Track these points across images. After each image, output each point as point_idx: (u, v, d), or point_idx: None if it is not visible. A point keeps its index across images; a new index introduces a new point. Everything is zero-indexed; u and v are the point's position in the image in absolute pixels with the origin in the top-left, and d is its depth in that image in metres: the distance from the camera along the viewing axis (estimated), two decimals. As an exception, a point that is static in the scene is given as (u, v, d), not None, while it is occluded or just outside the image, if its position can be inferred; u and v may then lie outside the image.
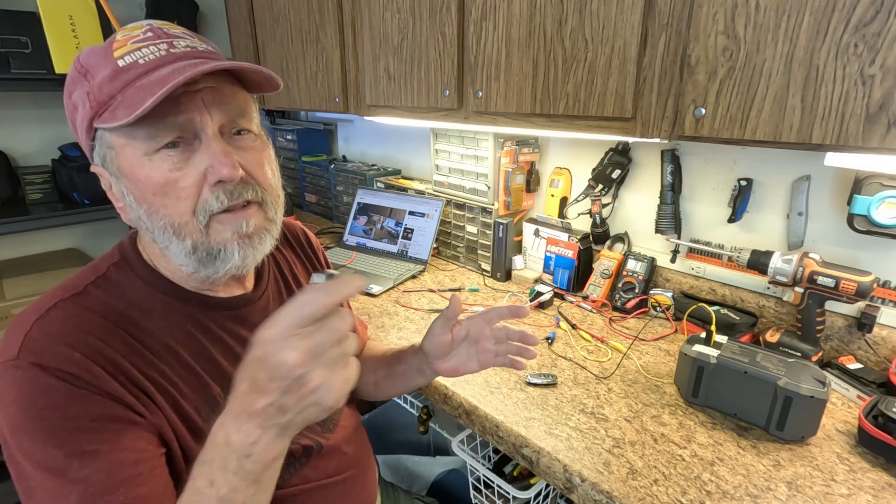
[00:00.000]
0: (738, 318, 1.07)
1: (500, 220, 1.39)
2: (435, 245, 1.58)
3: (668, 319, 1.18)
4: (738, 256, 1.05)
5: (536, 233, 1.42)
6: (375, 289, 1.35)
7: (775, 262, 0.98)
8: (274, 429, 0.43)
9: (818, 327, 0.96)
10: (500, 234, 1.40)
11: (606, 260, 1.30)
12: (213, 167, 0.52)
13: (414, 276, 1.47)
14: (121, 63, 0.51)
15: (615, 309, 1.24)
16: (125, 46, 0.52)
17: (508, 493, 0.91)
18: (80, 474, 0.47)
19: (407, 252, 1.58)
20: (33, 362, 0.48)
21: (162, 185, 0.52)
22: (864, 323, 0.95)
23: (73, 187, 1.73)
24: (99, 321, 0.53)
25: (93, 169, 0.58)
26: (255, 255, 0.58)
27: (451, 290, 1.38)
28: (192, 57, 0.53)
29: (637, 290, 1.23)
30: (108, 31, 1.65)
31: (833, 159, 0.78)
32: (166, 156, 0.52)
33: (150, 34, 0.53)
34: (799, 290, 0.97)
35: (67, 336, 0.50)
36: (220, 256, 0.56)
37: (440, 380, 0.93)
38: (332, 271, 0.46)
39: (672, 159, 1.16)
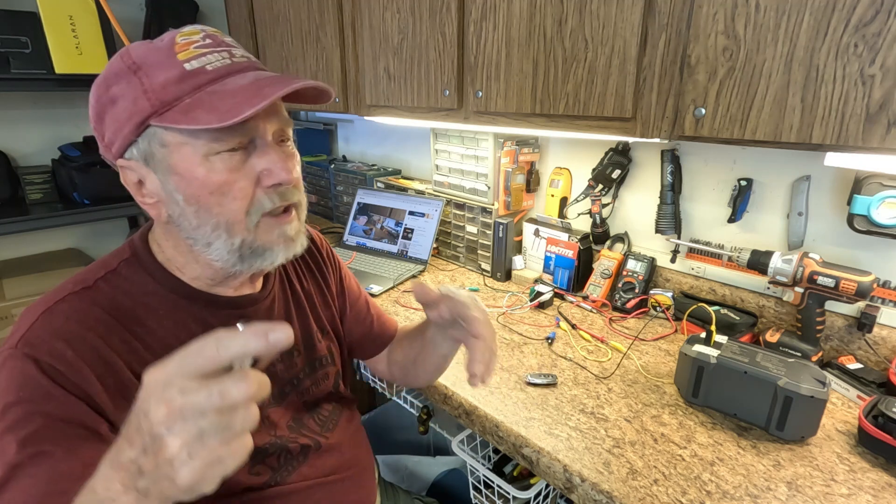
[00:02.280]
0: (738, 318, 1.07)
1: (500, 220, 1.39)
2: (435, 245, 1.58)
3: (668, 319, 1.18)
4: (738, 256, 1.05)
5: (536, 233, 1.42)
6: (375, 289, 1.35)
7: (775, 262, 0.98)
8: (133, 493, 0.35)
9: (818, 327, 0.96)
10: (500, 234, 1.40)
11: (606, 260, 1.30)
12: (273, 171, 0.56)
13: (414, 276, 1.46)
14: (188, 66, 0.53)
15: (615, 309, 1.24)
16: (188, 51, 0.54)
17: (508, 493, 0.91)
18: (25, 473, 0.46)
19: (407, 252, 1.58)
20: (27, 353, 0.50)
21: (220, 184, 0.54)
22: (864, 323, 0.95)
23: (73, 187, 1.73)
24: (103, 317, 0.55)
25: (119, 163, 0.57)
26: (292, 252, 0.62)
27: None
28: (254, 68, 0.57)
29: (637, 290, 1.23)
30: (108, 31, 1.65)
31: (833, 159, 0.78)
32: (226, 157, 0.54)
33: (209, 41, 0.56)
34: (799, 290, 0.97)
35: (67, 332, 0.52)
36: (263, 255, 0.59)
37: (440, 379, 0.93)
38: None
39: (672, 159, 1.16)
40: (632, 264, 1.25)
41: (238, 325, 0.36)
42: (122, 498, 0.35)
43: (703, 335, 0.91)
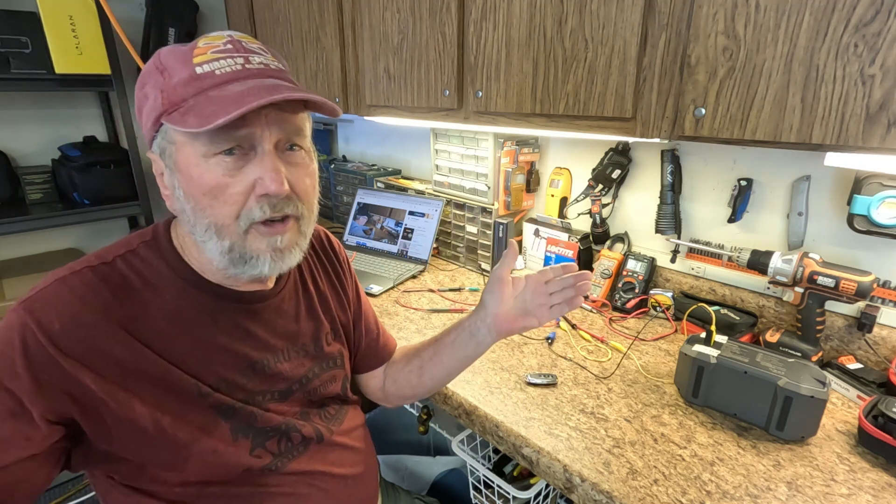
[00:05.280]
0: (738, 318, 1.07)
1: (500, 220, 1.39)
2: (435, 245, 1.58)
3: (668, 319, 1.18)
4: (738, 256, 1.05)
5: (536, 233, 1.42)
6: (375, 289, 1.35)
7: (775, 262, 0.98)
8: None
9: (818, 327, 0.96)
10: (500, 234, 1.40)
11: (606, 260, 1.30)
12: (263, 181, 0.56)
13: (414, 276, 1.47)
14: (198, 70, 0.55)
15: (615, 309, 1.24)
16: (205, 55, 0.56)
17: (508, 493, 0.91)
18: None
19: (407, 252, 1.58)
20: (23, 312, 0.53)
21: (213, 187, 0.55)
22: (864, 323, 0.95)
23: (73, 187, 1.73)
24: (107, 295, 0.57)
25: (148, 154, 0.62)
26: (282, 266, 0.61)
27: (451, 290, 1.38)
28: (265, 75, 0.57)
29: (637, 290, 1.23)
30: (108, 31, 1.65)
31: (833, 159, 0.78)
32: (222, 161, 0.55)
33: (229, 46, 0.57)
34: (799, 290, 0.97)
35: (68, 304, 0.54)
36: (250, 262, 0.59)
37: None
38: None
39: (672, 159, 1.16)
40: (632, 264, 1.25)
41: None
42: None
43: (703, 335, 0.91)
